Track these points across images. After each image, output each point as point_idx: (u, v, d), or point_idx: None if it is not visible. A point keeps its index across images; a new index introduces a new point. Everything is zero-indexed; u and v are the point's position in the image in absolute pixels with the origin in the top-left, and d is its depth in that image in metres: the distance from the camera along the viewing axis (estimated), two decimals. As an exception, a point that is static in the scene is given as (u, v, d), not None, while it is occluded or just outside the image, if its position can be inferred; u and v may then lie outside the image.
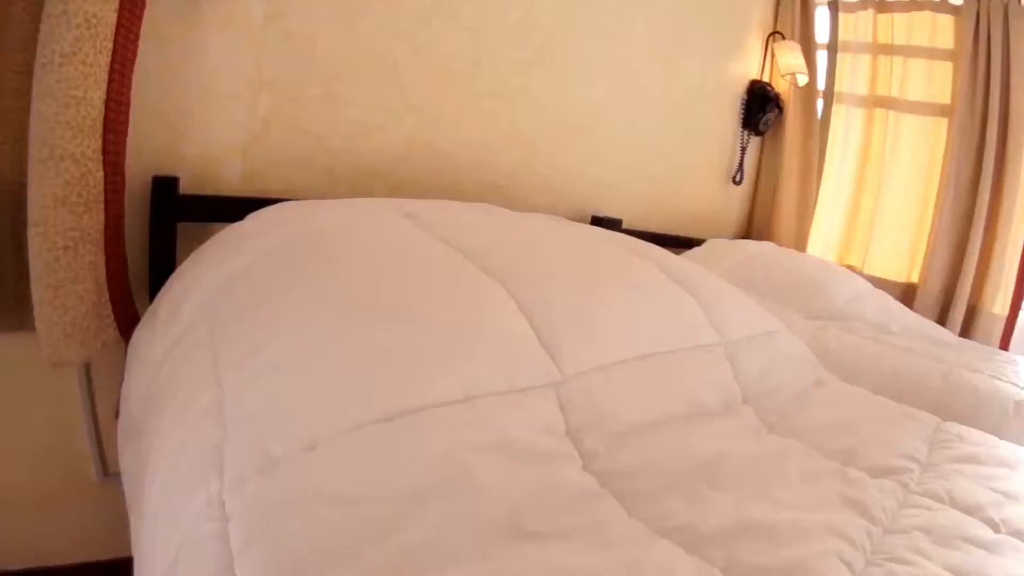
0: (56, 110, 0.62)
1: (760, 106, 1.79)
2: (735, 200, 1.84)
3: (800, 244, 2.03)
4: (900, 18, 2.11)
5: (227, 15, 0.81)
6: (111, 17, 0.65)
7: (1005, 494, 0.55)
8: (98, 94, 0.64)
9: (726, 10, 1.72)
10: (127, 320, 0.74)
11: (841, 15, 2.20)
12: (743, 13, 1.75)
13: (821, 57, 2.19)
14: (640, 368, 0.54)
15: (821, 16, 2.17)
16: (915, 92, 2.08)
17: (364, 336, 0.48)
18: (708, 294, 0.71)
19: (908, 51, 2.10)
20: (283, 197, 0.84)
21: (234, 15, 0.82)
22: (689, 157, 1.65)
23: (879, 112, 2.14)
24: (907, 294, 2.08)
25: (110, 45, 0.65)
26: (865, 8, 2.16)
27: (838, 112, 2.20)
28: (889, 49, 2.13)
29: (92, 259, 0.69)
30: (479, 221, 0.73)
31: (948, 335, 1.52)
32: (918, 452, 0.61)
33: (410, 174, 1.04)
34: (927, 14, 2.09)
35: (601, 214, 1.29)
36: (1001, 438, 0.74)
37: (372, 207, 0.76)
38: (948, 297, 1.99)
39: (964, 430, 0.72)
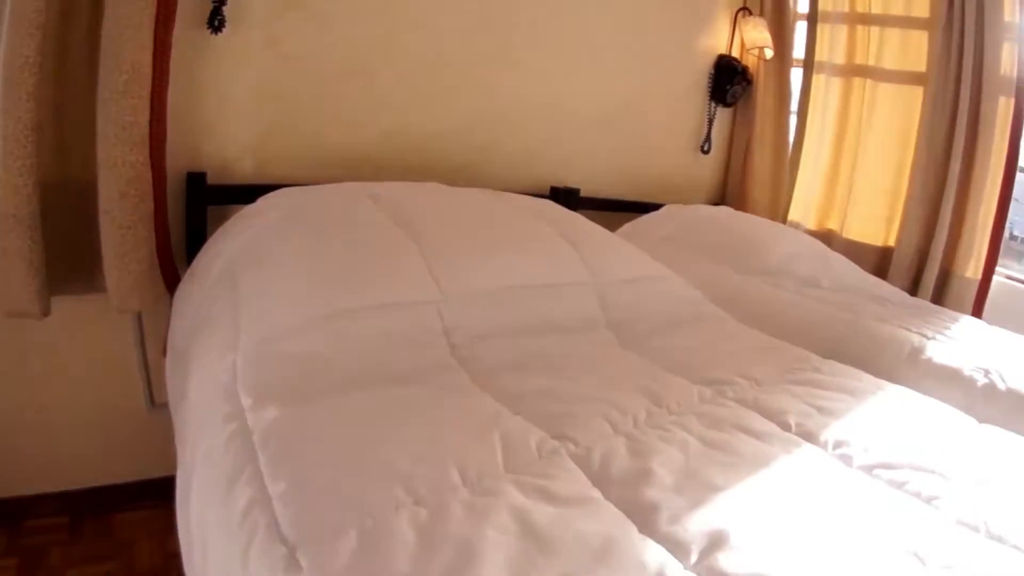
0: (116, 132, 0.89)
1: (729, 79, 1.92)
2: (705, 168, 2.00)
3: (774, 209, 2.16)
4: None
5: (235, 46, 1.07)
6: (149, 60, 0.91)
7: (821, 410, 0.70)
8: (144, 118, 0.91)
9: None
10: (171, 279, 1.02)
11: (821, -16, 2.26)
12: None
13: (802, 28, 2.28)
14: (505, 294, 0.80)
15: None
16: (891, 61, 2.15)
17: (323, 272, 0.75)
18: (591, 247, 0.94)
19: (884, 20, 2.16)
20: (286, 183, 1.10)
21: (240, 45, 1.07)
22: (657, 129, 1.82)
23: (857, 81, 2.22)
24: (884, 258, 2.18)
25: (150, 81, 0.91)
26: (845, -23, 2.22)
27: (817, 81, 2.29)
28: (866, 19, 2.20)
29: (146, 235, 0.97)
30: (420, 198, 0.98)
31: (895, 294, 1.64)
32: (760, 374, 0.78)
33: (389, 158, 1.29)
34: (902, -20, 2.14)
35: (560, 185, 1.50)
36: (893, 380, 0.89)
37: (346, 191, 1.01)
38: (922, 261, 2.09)
39: (830, 365, 0.87)
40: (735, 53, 1.98)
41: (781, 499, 0.50)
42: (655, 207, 1.68)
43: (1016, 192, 2.10)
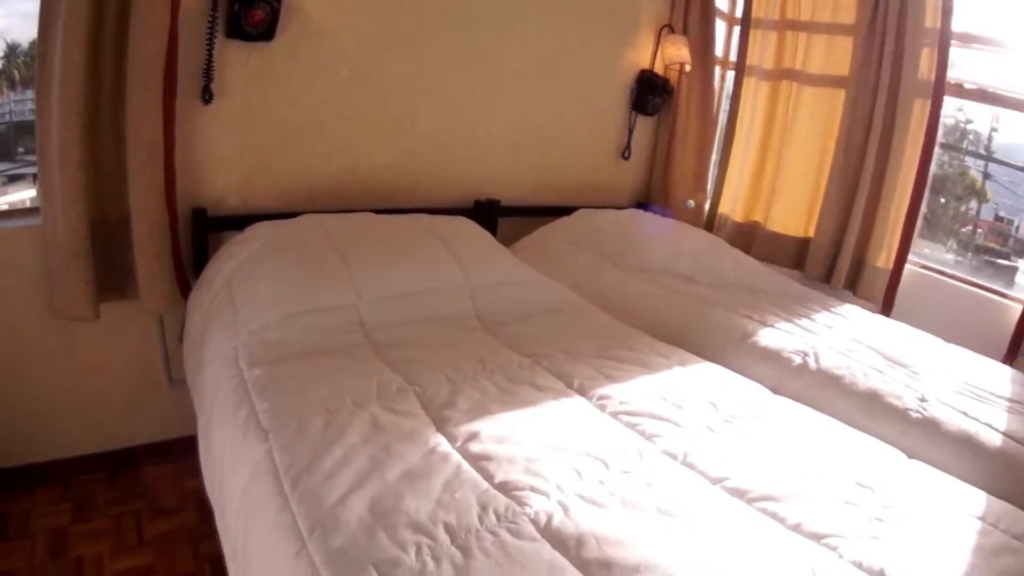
0: (144, 189, 1.42)
1: (651, 91, 2.38)
2: (628, 172, 2.48)
3: (698, 208, 2.63)
4: None
5: (221, 112, 1.58)
6: (162, 134, 1.43)
7: (607, 376, 1.15)
8: (161, 178, 1.44)
9: (620, 10, 2.30)
10: (184, 289, 1.56)
11: (755, -8, 2.68)
12: (635, 11, 2.33)
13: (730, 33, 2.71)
14: (402, 297, 1.33)
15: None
16: (816, 65, 2.58)
17: (287, 286, 1.29)
18: (470, 260, 1.48)
19: (812, 27, 2.59)
20: (264, 213, 1.62)
21: (225, 111, 1.59)
22: (580, 139, 2.31)
23: (784, 84, 2.66)
24: (803, 248, 2.65)
25: (163, 151, 1.43)
26: (775, -14, 2.64)
27: (748, 84, 2.73)
28: (795, 25, 2.63)
29: (167, 258, 1.51)
30: (354, 228, 1.51)
31: (780, 285, 2.05)
32: (579, 350, 1.25)
33: (342, 190, 1.80)
34: (831, -8, 2.54)
35: (483, 198, 2.01)
36: (719, 360, 1.36)
37: (305, 224, 1.54)
38: (836, 251, 2.55)
39: (648, 345, 1.33)
40: (659, 67, 2.44)
41: (532, 422, 0.99)
42: (572, 210, 2.16)
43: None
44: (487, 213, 2.02)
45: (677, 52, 2.32)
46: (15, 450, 1.56)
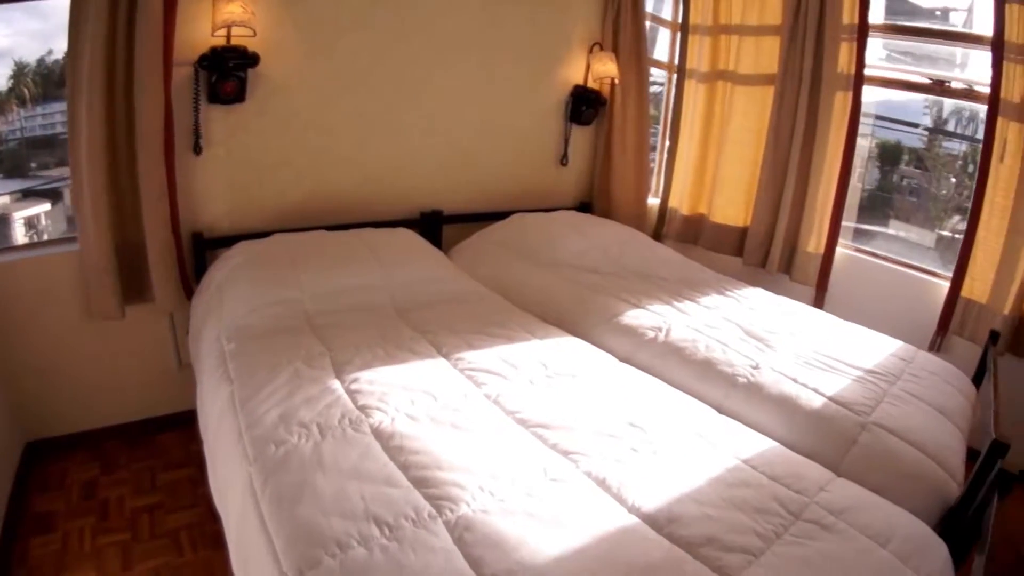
0: (156, 220, 2.11)
1: (585, 103, 2.92)
2: (569, 177, 3.06)
3: (640, 206, 3.14)
4: (736, 0, 3.05)
5: (209, 159, 2.26)
6: (165, 180, 2.12)
7: (471, 344, 1.71)
8: (167, 213, 2.14)
9: (552, 32, 2.87)
10: (189, 293, 2.26)
11: (691, 1, 3.18)
12: (566, 33, 2.89)
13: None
14: (336, 293, 1.98)
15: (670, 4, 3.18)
16: (747, 66, 3.05)
17: (256, 285, 1.96)
18: (392, 263, 2.11)
19: (742, 30, 3.06)
20: (248, 233, 2.29)
21: (212, 158, 2.27)
22: (520, 150, 2.89)
23: (719, 84, 3.14)
24: (742, 237, 3.11)
25: (167, 193, 2.13)
26: (708, -6, 3.12)
27: (688, 86, 3.22)
28: (727, 29, 3.11)
29: (175, 272, 2.21)
30: (307, 243, 2.15)
31: (683, 271, 2.55)
32: (461, 328, 1.83)
33: (310, 210, 2.46)
34: (758, -5, 3.00)
35: (428, 209, 2.63)
36: (589, 337, 1.91)
37: (274, 241, 2.19)
38: (770, 238, 3.00)
39: (525, 323, 1.90)
40: (592, 81, 2.97)
41: (398, 372, 1.55)
42: (508, 215, 2.74)
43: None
44: (431, 222, 2.63)
45: (604, 68, 2.85)
46: (56, 423, 2.29)
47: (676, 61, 3.30)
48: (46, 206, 2.54)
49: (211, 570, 1.83)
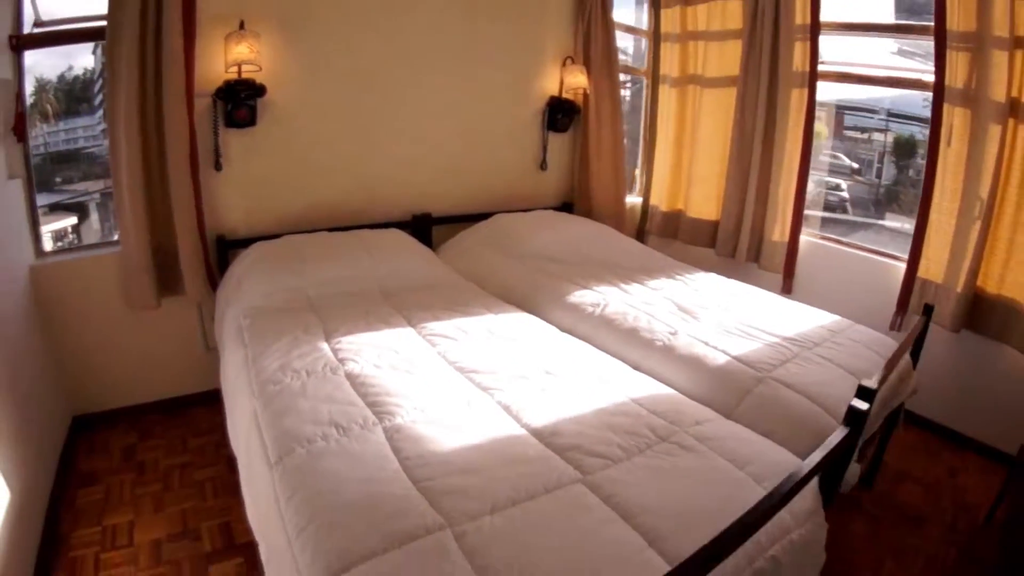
0: (186, 226, 2.75)
1: (560, 112, 3.45)
2: (550, 179, 3.60)
3: (618, 204, 3.62)
4: (700, 8, 3.56)
5: (228, 174, 2.90)
6: (193, 194, 2.76)
7: (436, 317, 2.30)
8: (195, 221, 2.77)
9: (529, 49, 3.41)
10: (213, 285, 2.89)
11: (662, 11, 3.69)
12: (541, 50, 3.43)
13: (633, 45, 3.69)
14: (333, 282, 2.58)
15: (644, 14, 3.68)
16: (713, 69, 3.52)
17: (269, 276, 2.58)
18: (381, 258, 2.72)
19: (708, 36, 3.53)
20: (262, 235, 2.91)
21: (231, 173, 2.90)
22: (503, 157, 3.44)
23: (690, 88, 3.61)
24: (715, 229, 3.55)
25: (195, 203, 2.76)
26: (676, 4, 3.62)
27: (663, 91, 3.70)
28: (695, 35, 3.58)
29: (203, 268, 2.84)
30: (310, 243, 2.76)
31: (642, 260, 3.04)
32: (432, 305, 2.41)
33: (314, 215, 3.08)
34: (718, 3, 3.50)
35: (418, 212, 3.20)
36: (541, 314, 2.47)
37: (284, 241, 2.80)
38: (738, 230, 3.43)
39: (484, 302, 2.47)
40: (566, 92, 3.49)
41: (373, 336, 2.11)
42: (492, 215, 3.28)
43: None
44: (421, 224, 3.20)
45: (576, 79, 3.38)
46: (99, 400, 2.93)
47: (651, 68, 3.79)
48: (73, 219, 3.09)
49: (229, 511, 2.40)
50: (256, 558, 1.57)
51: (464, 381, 1.87)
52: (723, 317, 2.44)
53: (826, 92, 3.40)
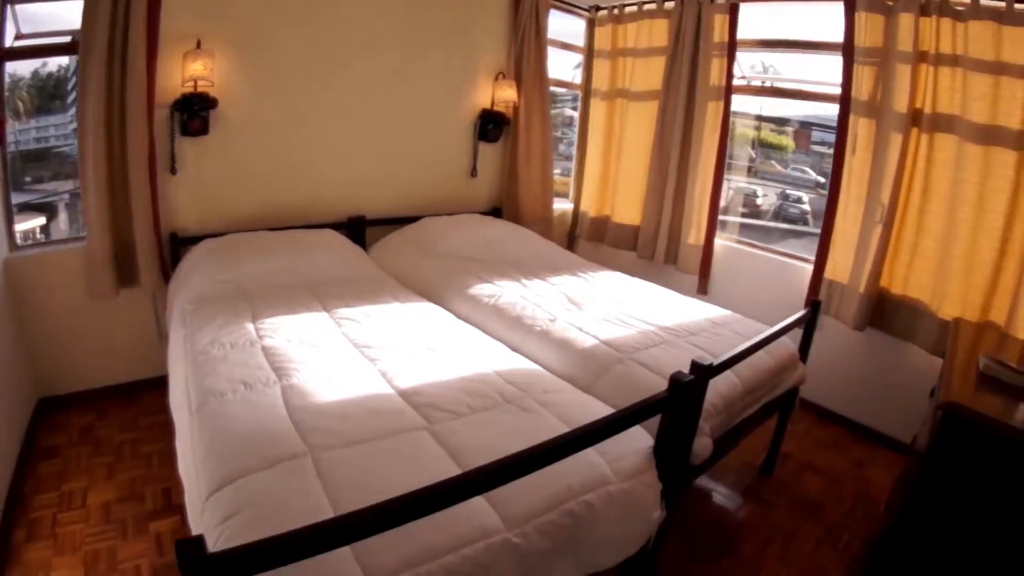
0: (142, 225, 3.35)
1: (491, 123, 4.02)
2: (480, 186, 4.21)
3: (545, 210, 4.19)
4: (631, 27, 4.13)
5: (182, 178, 3.50)
6: (150, 191, 3.35)
7: (348, 304, 2.91)
8: (151, 216, 3.37)
9: (462, 65, 4.00)
10: (167, 278, 3.49)
11: (596, 29, 4.27)
12: (474, 67, 4.02)
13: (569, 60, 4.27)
14: (266, 275, 3.19)
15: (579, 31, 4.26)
16: (638, 84, 4.08)
17: (210, 269, 3.18)
18: (309, 254, 3.34)
19: (635, 52, 4.10)
20: (211, 233, 3.52)
21: (184, 177, 3.50)
22: (436, 164, 4.05)
23: (618, 101, 4.18)
24: (636, 234, 4.10)
25: (152, 203, 3.36)
26: (608, 23, 4.20)
27: (594, 105, 4.27)
28: (624, 52, 4.15)
29: (158, 263, 3.43)
30: (254, 240, 3.39)
31: (552, 259, 3.63)
32: (347, 295, 3.01)
33: (261, 215, 3.68)
34: (647, 21, 4.06)
35: (354, 214, 3.79)
36: (446, 305, 3.07)
37: (228, 239, 3.41)
38: (656, 234, 3.98)
39: (394, 292, 3.10)
40: (497, 105, 4.07)
41: (290, 319, 2.70)
42: (419, 218, 3.87)
43: None
44: (356, 225, 3.78)
45: (506, 94, 3.96)
46: (64, 383, 3.52)
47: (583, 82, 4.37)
48: (41, 220, 3.59)
49: (170, 478, 2.95)
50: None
51: (356, 353, 2.45)
52: (609, 309, 2.99)
53: (786, 109, 3.95)
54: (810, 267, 3.59)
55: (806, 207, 5.56)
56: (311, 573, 1.35)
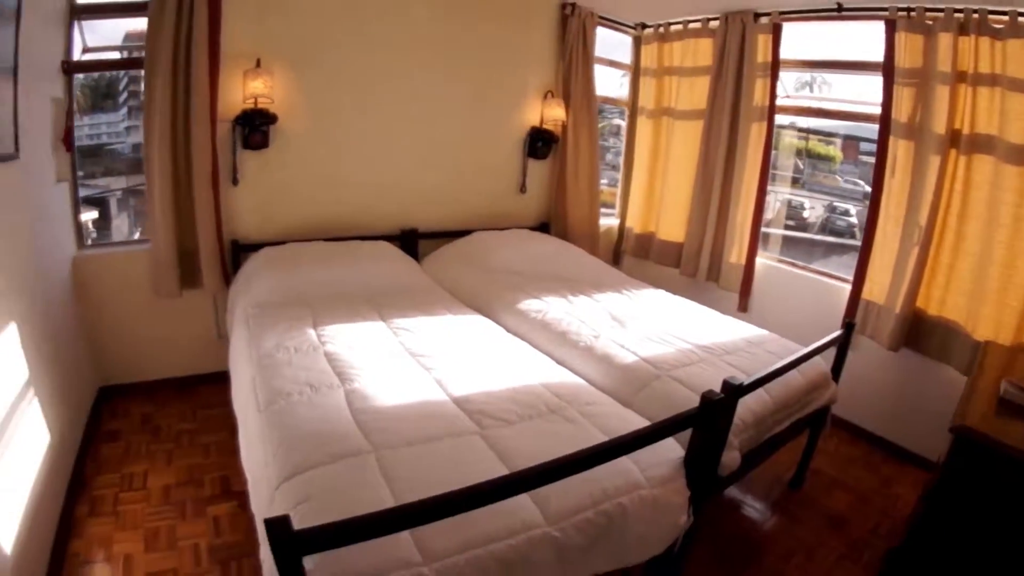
0: (207, 231, 3.69)
1: (540, 140, 4.26)
2: (529, 201, 4.45)
3: (592, 226, 4.40)
4: (676, 45, 4.34)
5: (243, 188, 3.83)
6: (213, 200, 3.68)
7: (403, 315, 3.20)
8: (214, 223, 3.70)
9: (514, 84, 4.26)
10: (227, 281, 3.82)
11: (642, 47, 4.49)
12: (524, 85, 4.28)
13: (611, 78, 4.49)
14: (327, 283, 3.51)
15: (624, 49, 4.49)
16: (684, 102, 4.28)
17: (273, 277, 3.50)
18: (367, 265, 3.64)
19: (680, 71, 4.30)
20: (271, 241, 3.85)
21: (245, 187, 3.84)
22: (487, 180, 4.31)
23: (664, 119, 4.38)
24: (680, 251, 4.29)
25: (215, 210, 3.69)
26: (654, 41, 4.41)
27: (640, 122, 4.49)
28: (670, 71, 4.36)
29: (220, 267, 3.77)
30: (312, 249, 3.70)
31: (593, 276, 3.84)
32: (403, 306, 3.30)
33: (315, 226, 4.01)
34: (692, 40, 4.26)
35: (407, 227, 4.08)
36: (496, 319, 3.33)
37: (287, 248, 3.73)
38: (699, 252, 4.17)
39: (447, 305, 3.37)
40: (546, 123, 4.31)
41: (350, 327, 2.98)
42: (473, 232, 4.13)
43: None
44: (409, 238, 4.06)
45: (555, 112, 4.20)
46: (124, 373, 3.88)
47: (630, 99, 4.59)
48: (94, 214, 3.92)
49: (227, 467, 3.26)
50: (246, 502, 2.33)
51: (412, 362, 2.72)
52: (650, 327, 3.20)
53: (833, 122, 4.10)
54: (848, 287, 3.72)
55: (853, 219, 5.62)
56: (376, 554, 1.60)
